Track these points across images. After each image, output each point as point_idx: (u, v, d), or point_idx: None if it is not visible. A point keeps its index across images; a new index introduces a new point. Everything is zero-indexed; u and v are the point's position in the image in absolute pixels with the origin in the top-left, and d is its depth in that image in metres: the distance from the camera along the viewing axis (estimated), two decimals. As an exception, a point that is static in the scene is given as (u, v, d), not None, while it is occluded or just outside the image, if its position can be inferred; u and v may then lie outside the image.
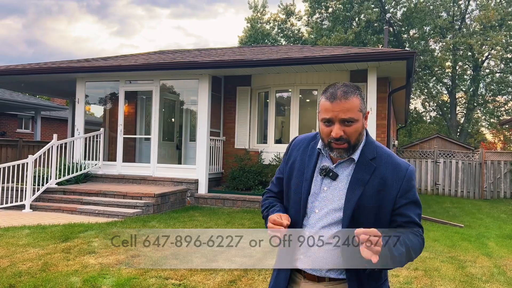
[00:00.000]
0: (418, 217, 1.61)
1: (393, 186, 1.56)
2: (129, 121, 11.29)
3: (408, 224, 1.58)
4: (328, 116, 1.53)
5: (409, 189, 1.59)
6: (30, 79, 11.32)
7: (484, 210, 11.17)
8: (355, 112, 1.52)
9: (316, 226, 1.58)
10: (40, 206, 8.19)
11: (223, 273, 4.42)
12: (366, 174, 1.57)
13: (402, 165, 1.61)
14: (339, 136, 1.52)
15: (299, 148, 1.74)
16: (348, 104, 1.51)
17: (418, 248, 1.57)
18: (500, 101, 29.43)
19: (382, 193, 1.55)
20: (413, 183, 1.60)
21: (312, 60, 8.42)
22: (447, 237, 6.72)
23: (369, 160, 1.59)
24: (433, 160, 15.17)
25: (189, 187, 9.22)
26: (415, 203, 1.60)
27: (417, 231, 1.59)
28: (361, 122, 1.56)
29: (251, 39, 31.86)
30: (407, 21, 27.61)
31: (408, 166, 1.62)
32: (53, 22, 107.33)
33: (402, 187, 1.57)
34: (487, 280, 4.52)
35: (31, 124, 22.08)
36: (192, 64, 9.16)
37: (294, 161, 1.72)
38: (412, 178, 1.60)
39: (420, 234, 1.60)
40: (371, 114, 8.26)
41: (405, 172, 1.60)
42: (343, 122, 1.52)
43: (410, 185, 1.59)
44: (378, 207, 1.53)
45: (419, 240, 1.57)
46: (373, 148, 1.62)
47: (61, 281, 4.02)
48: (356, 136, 1.55)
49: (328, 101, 1.53)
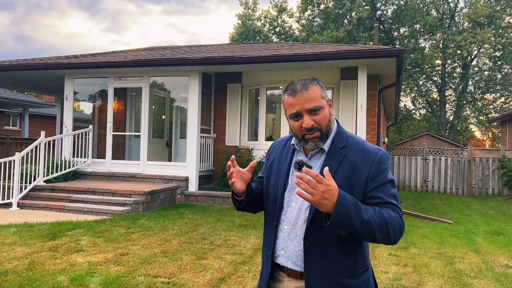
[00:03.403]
0: (392, 197, 1.55)
1: (363, 171, 1.55)
2: (118, 118, 11.19)
3: (381, 204, 1.53)
4: (295, 111, 1.58)
5: (379, 172, 1.55)
6: (18, 75, 11.15)
7: (473, 207, 11.29)
8: (318, 100, 1.57)
9: (294, 219, 1.60)
10: (28, 204, 8.08)
11: (212, 270, 4.39)
12: (336, 162, 1.58)
13: (372, 150, 1.59)
14: (311, 126, 1.56)
15: (278, 149, 1.81)
16: (310, 94, 1.56)
17: (397, 223, 1.49)
18: (489, 98, 29.78)
19: (352, 178, 1.55)
20: (383, 166, 1.56)
21: (302, 57, 8.41)
22: (436, 234, 6.77)
23: (339, 148, 1.60)
24: (423, 158, 15.28)
25: (179, 184, 9.16)
26: (386, 185, 1.56)
27: (393, 208, 1.53)
28: (327, 109, 1.60)
29: (242, 36, 31.78)
30: (397, 19, 27.77)
31: (379, 150, 1.59)
32: (43, 18, 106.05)
33: (371, 171, 1.55)
34: (475, 276, 4.55)
35: (19, 121, 21.80)
36: (182, 60, 9.09)
37: (273, 161, 1.78)
38: (382, 162, 1.57)
39: (397, 211, 1.53)
40: (361, 112, 8.28)
41: (375, 156, 1.57)
42: (311, 112, 1.56)
43: (380, 169, 1.56)
44: (349, 193, 1.50)
45: (396, 215, 1.50)
46: (343, 138, 1.63)
47: (47, 280, 3.96)
48: (326, 123, 1.59)
49: (291, 97, 1.58)
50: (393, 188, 1.58)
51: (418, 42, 28.27)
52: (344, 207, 1.40)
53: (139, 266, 4.44)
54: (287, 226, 1.62)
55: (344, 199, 1.41)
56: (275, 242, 1.65)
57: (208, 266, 4.55)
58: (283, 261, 1.62)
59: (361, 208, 1.43)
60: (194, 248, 5.24)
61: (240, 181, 1.70)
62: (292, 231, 1.60)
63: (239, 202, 1.75)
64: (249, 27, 32.17)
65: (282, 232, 1.63)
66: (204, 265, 4.56)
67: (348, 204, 1.41)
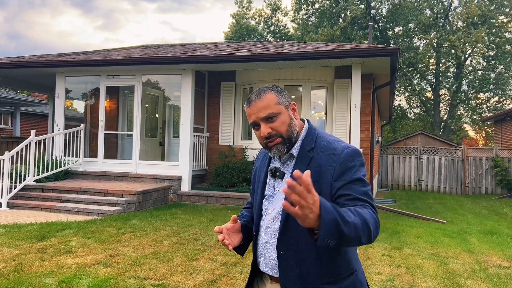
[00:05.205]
0: (363, 194, 1.45)
1: (328, 172, 1.50)
2: (110, 117, 11.06)
3: (351, 201, 1.42)
4: (251, 120, 1.58)
5: (345, 171, 1.48)
6: (8, 73, 10.99)
7: (466, 206, 11.30)
8: (272, 106, 1.55)
9: (268, 227, 1.61)
10: (17, 204, 7.96)
11: (204, 272, 4.32)
12: (303, 166, 1.54)
13: (338, 149, 1.52)
14: (268, 134, 1.55)
15: (260, 158, 1.82)
16: (263, 102, 1.55)
17: (373, 220, 1.37)
18: (482, 98, 29.90)
19: (319, 181, 1.49)
20: (350, 164, 1.49)
21: (295, 56, 8.35)
22: (430, 234, 6.74)
23: (307, 151, 1.57)
24: (417, 157, 15.30)
25: (172, 184, 9.08)
26: (354, 183, 1.46)
27: (364, 204, 1.42)
28: (286, 114, 1.57)
29: (236, 35, 31.67)
30: (391, 18, 27.79)
31: (346, 148, 1.52)
32: (36, 15, 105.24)
33: (336, 171, 1.48)
34: (468, 277, 4.52)
35: (10, 119, 21.56)
36: (175, 59, 9.00)
37: (255, 171, 1.80)
38: (348, 160, 1.49)
39: (369, 207, 1.41)
40: (355, 111, 8.24)
41: (340, 155, 1.50)
42: (267, 120, 1.55)
43: (345, 167, 1.48)
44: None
45: (369, 211, 1.39)
46: (312, 139, 1.59)
47: (34, 283, 3.87)
48: (285, 128, 1.56)
49: (248, 107, 1.59)
50: (364, 186, 1.48)
51: (412, 41, 28.32)
52: (330, 213, 1.25)
53: (129, 268, 4.37)
54: (264, 233, 1.62)
55: (327, 205, 1.26)
56: (257, 249, 1.67)
57: (200, 267, 4.48)
58: (263, 268, 1.64)
59: (343, 213, 1.29)
60: (186, 249, 5.17)
61: (235, 237, 1.65)
62: (268, 239, 1.60)
63: (241, 247, 1.74)
64: (243, 25, 32.06)
65: (260, 240, 1.64)
66: (196, 267, 4.49)
67: (332, 210, 1.26)
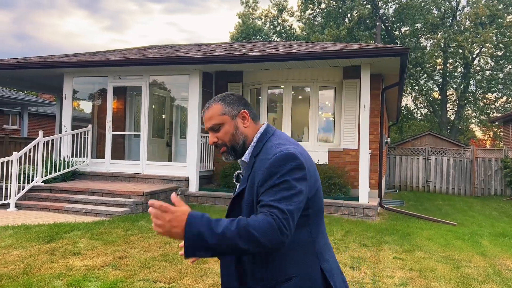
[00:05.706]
0: (277, 200, 1.38)
1: (257, 177, 1.50)
2: (118, 118, 11.05)
3: (261, 208, 1.39)
4: (206, 130, 1.69)
5: (269, 177, 1.43)
6: (16, 74, 11.03)
7: (476, 208, 11.18)
8: (216, 117, 1.63)
9: None
10: (26, 204, 7.96)
11: (213, 275, 4.27)
12: (248, 171, 1.58)
13: (270, 154, 1.49)
14: (213, 143, 1.64)
15: None
16: (209, 113, 1.65)
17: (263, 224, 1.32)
18: (490, 98, 29.62)
19: (254, 186, 1.51)
20: (274, 170, 1.43)
21: (304, 56, 8.28)
22: (441, 236, 6.65)
23: (254, 157, 1.59)
24: (425, 157, 15.16)
25: (179, 185, 9.04)
26: (274, 187, 1.41)
27: (268, 210, 1.37)
28: (231, 124, 1.62)
29: (243, 35, 31.63)
30: (398, 17, 27.61)
31: (276, 153, 1.47)
32: (43, 16, 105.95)
33: (262, 177, 1.46)
34: (483, 281, 4.44)
35: (18, 120, 21.67)
36: (182, 59, 8.96)
37: None
38: (274, 165, 1.44)
39: (271, 213, 1.35)
40: (364, 111, 8.15)
41: (268, 160, 1.47)
42: (213, 130, 1.65)
43: (269, 173, 1.44)
44: (251, 201, 1.50)
45: (264, 217, 1.34)
46: (261, 144, 1.60)
47: (43, 285, 3.84)
48: (229, 138, 1.62)
49: (202, 116, 1.69)
50: (284, 192, 1.40)
51: (419, 41, 28.11)
52: (193, 227, 1.31)
53: (138, 271, 4.33)
54: None
55: (194, 219, 1.32)
56: None
57: (209, 270, 4.43)
58: None
59: (213, 224, 1.32)
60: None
61: None
62: None
63: None
64: (249, 25, 32.01)
65: None
66: (205, 269, 4.45)
67: (198, 223, 1.31)
